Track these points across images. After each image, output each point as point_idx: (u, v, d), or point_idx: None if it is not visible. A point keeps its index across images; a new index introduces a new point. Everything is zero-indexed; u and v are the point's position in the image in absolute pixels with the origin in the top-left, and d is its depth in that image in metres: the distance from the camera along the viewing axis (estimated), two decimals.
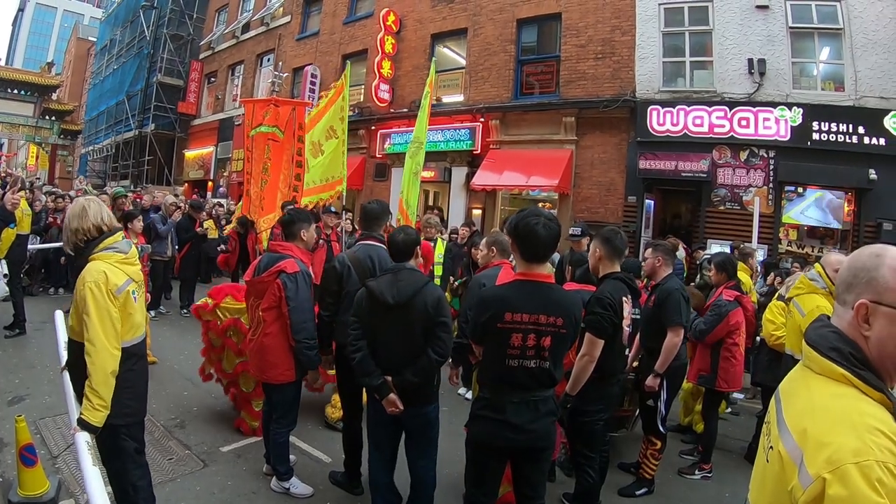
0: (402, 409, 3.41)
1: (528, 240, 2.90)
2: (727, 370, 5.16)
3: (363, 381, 3.55)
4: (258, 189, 10.01)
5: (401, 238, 3.61)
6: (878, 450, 1.13)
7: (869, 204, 10.48)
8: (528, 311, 2.84)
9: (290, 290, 3.99)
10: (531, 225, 2.89)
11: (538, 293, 2.91)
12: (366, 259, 4.20)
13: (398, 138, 16.41)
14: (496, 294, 2.98)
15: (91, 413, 2.84)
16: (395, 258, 3.63)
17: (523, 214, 2.97)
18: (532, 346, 2.85)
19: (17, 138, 37.23)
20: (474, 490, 3.12)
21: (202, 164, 26.18)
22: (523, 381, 2.89)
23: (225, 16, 26.97)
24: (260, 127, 10.34)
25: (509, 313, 2.82)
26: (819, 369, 1.36)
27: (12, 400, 5.51)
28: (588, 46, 13.28)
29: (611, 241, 3.82)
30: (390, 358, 3.43)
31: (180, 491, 4.17)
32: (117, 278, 3.02)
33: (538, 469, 3.12)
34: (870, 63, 10.46)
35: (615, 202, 12.78)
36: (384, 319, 3.42)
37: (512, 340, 2.84)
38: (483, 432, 2.99)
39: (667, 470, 5.11)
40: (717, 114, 11.52)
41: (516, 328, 2.83)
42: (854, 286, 1.37)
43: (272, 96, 16.21)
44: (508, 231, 3.03)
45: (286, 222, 4.44)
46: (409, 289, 3.39)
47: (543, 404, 2.95)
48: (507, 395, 2.89)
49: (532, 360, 2.87)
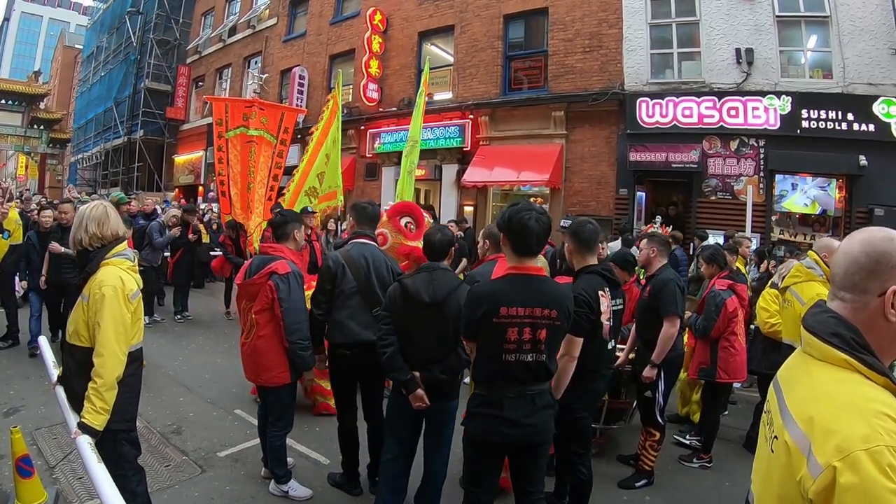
0: (429, 405, 3.48)
1: (522, 234, 2.88)
2: (727, 361, 5.11)
3: (392, 376, 3.60)
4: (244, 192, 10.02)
5: (437, 238, 3.67)
6: (887, 434, 1.11)
7: (860, 190, 10.52)
8: (523, 305, 2.82)
9: (283, 292, 3.95)
10: (524, 220, 2.86)
11: (532, 286, 2.90)
12: (360, 258, 4.17)
13: (388, 137, 16.42)
14: (489, 289, 2.95)
15: (93, 416, 2.83)
16: (431, 258, 3.68)
17: (516, 209, 2.93)
18: (528, 340, 2.83)
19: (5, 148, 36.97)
20: (474, 489, 3.10)
21: (192, 169, 26.06)
22: (520, 375, 2.86)
23: (211, 20, 26.83)
24: (240, 129, 10.33)
25: (504, 307, 2.80)
26: (820, 355, 1.34)
27: (7, 411, 5.46)
28: (575, 40, 13.29)
29: (578, 233, 3.74)
30: (421, 354, 3.50)
31: (179, 497, 4.14)
32: (131, 284, 3.07)
33: (536, 464, 3.10)
34: (857, 50, 10.49)
35: (606, 195, 12.80)
36: (418, 317, 3.48)
37: (508, 335, 2.81)
38: (480, 429, 2.97)
39: (666, 461, 5.10)
40: (706, 104, 11.54)
41: (512, 322, 2.81)
42: (879, 273, 1.32)
43: (253, 98, 16.20)
44: (500, 226, 2.98)
45: (277, 223, 4.41)
46: (444, 288, 3.47)
47: (540, 398, 2.94)
48: (502, 391, 2.87)
49: (529, 354, 2.85)
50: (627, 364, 5.02)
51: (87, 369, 2.92)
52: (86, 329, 2.98)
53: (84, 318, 2.99)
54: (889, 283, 1.30)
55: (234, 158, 10.36)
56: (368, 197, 16.69)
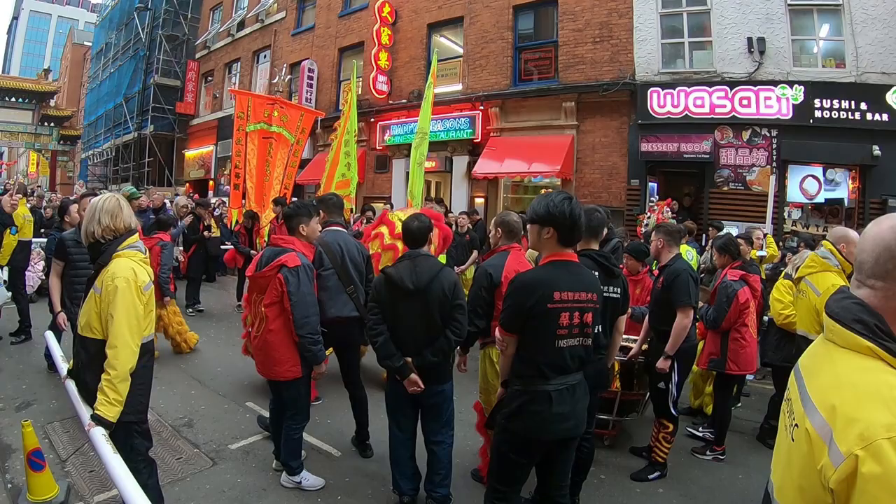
0: (423, 388, 3.60)
1: (576, 226, 2.91)
2: (736, 352, 5.05)
3: (385, 364, 3.72)
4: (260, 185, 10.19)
5: (415, 226, 3.78)
6: None
7: (874, 180, 10.39)
8: (572, 290, 2.85)
9: (292, 285, 3.94)
10: (577, 212, 2.90)
11: (574, 272, 2.95)
12: (334, 243, 4.73)
13: (398, 129, 16.37)
14: (539, 276, 2.92)
15: (106, 408, 2.84)
16: (411, 246, 3.80)
17: (565, 200, 2.89)
18: (577, 324, 2.87)
19: (16, 146, 37.18)
20: (505, 488, 3.04)
21: (203, 164, 26.14)
22: (569, 362, 2.87)
23: (219, 14, 26.79)
24: (261, 124, 10.54)
25: (557, 293, 2.81)
26: (843, 342, 1.31)
27: (20, 405, 5.49)
28: (585, 30, 13.17)
29: (587, 220, 3.74)
30: (411, 340, 3.62)
31: (190, 490, 4.15)
32: (143, 276, 3.09)
33: (568, 457, 3.12)
34: (870, 39, 10.34)
35: (618, 186, 12.71)
36: (405, 304, 3.60)
37: (561, 320, 2.82)
38: (529, 428, 2.88)
39: (679, 453, 5.07)
40: (717, 94, 11.41)
41: (565, 307, 2.83)
42: None
43: (276, 96, 16.33)
44: (548, 219, 2.89)
45: (287, 215, 4.43)
46: (426, 274, 3.59)
47: (579, 388, 2.94)
48: (546, 384, 2.82)
49: (577, 339, 2.88)
50: (640, 355, 4.99)
51: (99, 361, 2.93)
52: (98, 321, 2.99)
53: (97, 310, 3.00)
54: None
55: (251, 152, 10.58)
56: (380, 190, 16.73)
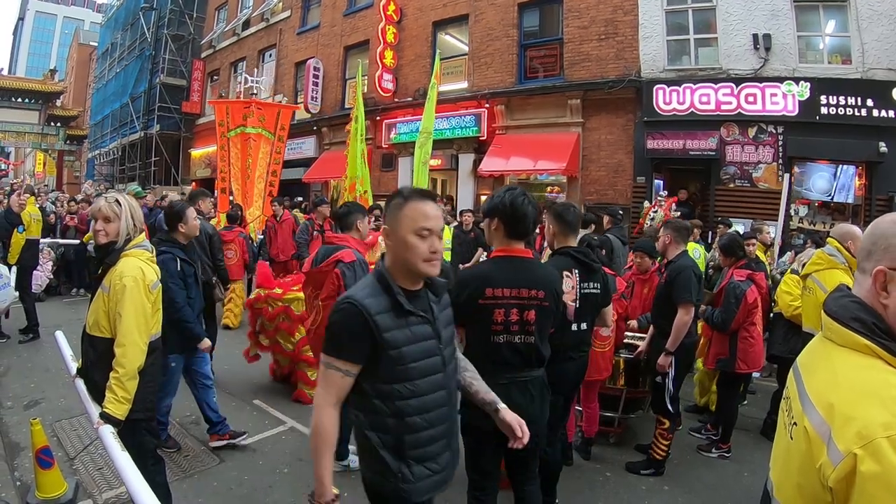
0: None
1: (523, 219, 2.91)
2: (745, 351, 5.02)
3: None
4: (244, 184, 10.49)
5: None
6: None
7: (880, 177, 10.35)
8: (508, 286, 2.84)
9: (349, 279, 3.97)
10: (523, 204, 2.90)
11: (518, 268, 2.92)
12: None
13: (404, 128, 16.38)
14: (474, 272, 3.01)
15: (115, 406, 2.87)
16: None
17: (514, 194, 2.94)
18: (516, 321, 2.84)
19: (23, 146, 37.33)
20: (475, 476, 3.06)
21: (209, 163, 26.16)
22: (510, 358, 2.86)
23: (225, 14, 26.83)
24: (241, 128, 10.93)
25: (489, 289, 2.82)
26: (841, 341, 1.31)
27: (28, 404, 5.54)
28: (591, 28, 13.15)
29: (562, 216, 3.77)
30: None
31: (197, 487, 4.18)
32: (151, 275, 3.11)
33: (532, 451, 3.07)
34: (876, 35, 10.29)
35: (624, 183, 12.70)
36: None
37: (495, 316, 2.82)
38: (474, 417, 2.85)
39: (684, 451, 5.09)
40: (723, 91, 11.38)
41: (498, 303, 2.82)
42: (873, 253, 1.32)
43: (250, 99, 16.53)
44: (494, 211, 2.95)
45: (341, 214, 4.56)
46: None
47: (533, 385, 2.93)
48: (494, 378, 2.76)
49: (517, 336, 2.85)
50: (646, 353, 4.99)
51: (107, 360, 2.95)
52: (107, 320, 3.01)
53: (105, 309, 3.02)
54: (881, 263, 1.30)
55: (234, 156, 10.98)
56: (386, 188, 16.74)
